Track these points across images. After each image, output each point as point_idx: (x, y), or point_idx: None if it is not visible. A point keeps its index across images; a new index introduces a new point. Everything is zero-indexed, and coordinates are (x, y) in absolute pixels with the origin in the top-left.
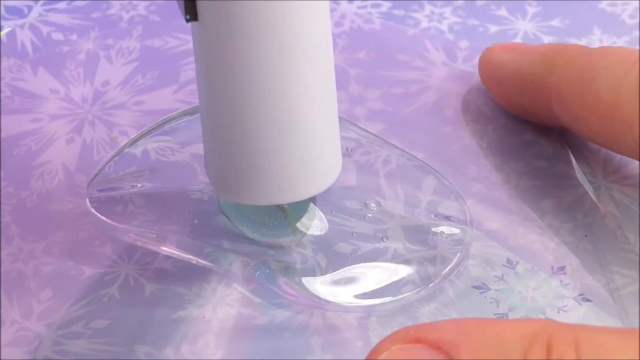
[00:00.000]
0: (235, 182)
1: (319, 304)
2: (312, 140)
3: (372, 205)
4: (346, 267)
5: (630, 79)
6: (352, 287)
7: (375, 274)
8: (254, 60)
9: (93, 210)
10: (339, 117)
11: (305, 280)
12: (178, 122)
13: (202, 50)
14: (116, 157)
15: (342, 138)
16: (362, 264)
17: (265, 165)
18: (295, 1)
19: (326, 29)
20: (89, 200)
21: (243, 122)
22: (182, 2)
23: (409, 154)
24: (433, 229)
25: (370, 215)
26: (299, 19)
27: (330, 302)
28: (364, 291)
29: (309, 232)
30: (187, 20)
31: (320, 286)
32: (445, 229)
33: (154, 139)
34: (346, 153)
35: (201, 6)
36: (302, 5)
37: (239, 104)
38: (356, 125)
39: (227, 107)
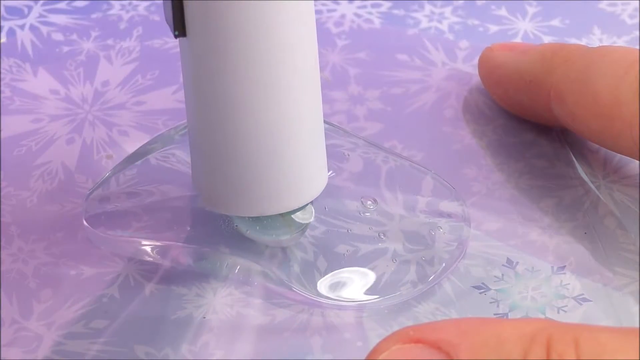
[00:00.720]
0: (223, 194)
1: (318, 303)
2: (301, 150)
3: (369, 202)
4: (344, 266)
5: (630, 79)
6: (351, 286)
7: (374, 272)
8: (242, 73)
9: (87, 225)
10: (335, 125)
11: (304, 280)
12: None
13: (190, 66)
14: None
15: (337, 145)
16: (361, 263)
17: (254, 177)
18: (284, 17)
19: (313, 39)
20: (85, 219)
21: (232, 134)
22: (171, 18)
23: (404, 157)
24: (431, 227)
25: (368, 214)
26: (288, 31)
27: (329, 300)
28: (363, 289)
29: (306, 232)
30: (176, 36)
31: (319, 285)
32: (443, 226)
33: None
34: (344, 157)
35: (190, 22)
36: (291, 18)
37: (228, 116)
38: (349, 133)
39: (216, 119)
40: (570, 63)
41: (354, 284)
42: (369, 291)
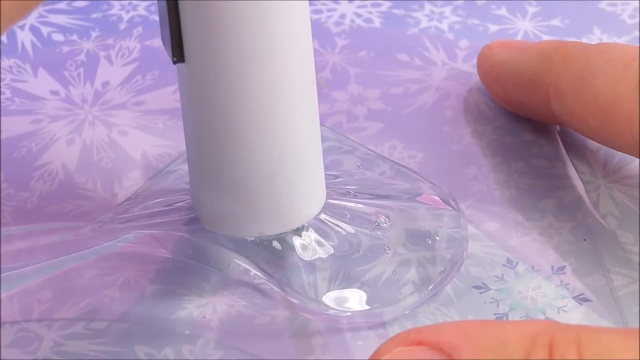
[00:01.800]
0: (222, 215)
1: (319, 307)
2: (299, 170)
3: (382, 218)
4: (346, 270)
5: (629, 76)
6: (352, 291)
7: (375, 278)
8: (241, 96)
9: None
10: (335, 130)
11: (305, 283)
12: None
13: (189, 91)
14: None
15: (336, 147)
16: (362, 267)
17: (253, 199)
18: (281, 41)
19: (310, 56)
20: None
21: (230, 156)
22: (170, 45)
23: (400, 164)
24: (429, 234)
25: (379, 232)
26: (285, 54)
27: (329, 308)
28: (364, 295)
29: (307, 230)
30: (174, 62)
31: (319, 289)
32: (442, 232)
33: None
34: (358, 169)
35: (188, 48)
36: (289, 43)
37: (226, 139)
38: (347, 137)
39: (213, 143)
40: (569, 60)
41: (355, 289)
42: (370, 299)
